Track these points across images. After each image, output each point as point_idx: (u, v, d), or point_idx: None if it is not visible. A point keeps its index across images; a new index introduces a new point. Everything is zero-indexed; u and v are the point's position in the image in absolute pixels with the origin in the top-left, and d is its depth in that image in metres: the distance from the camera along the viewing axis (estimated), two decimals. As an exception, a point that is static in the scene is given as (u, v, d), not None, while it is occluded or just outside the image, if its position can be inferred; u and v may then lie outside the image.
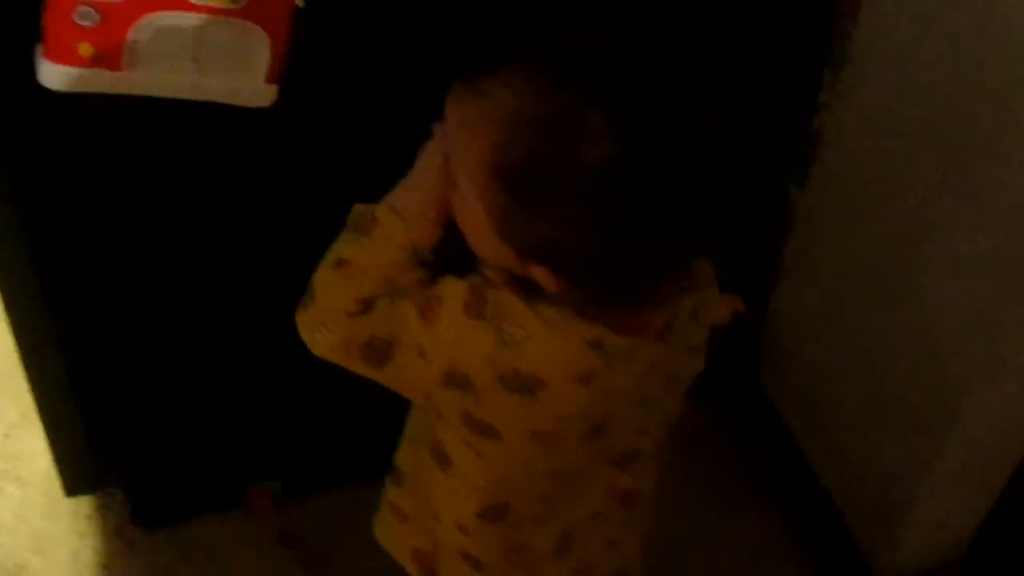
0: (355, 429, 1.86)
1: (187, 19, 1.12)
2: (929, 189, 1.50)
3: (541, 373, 1.01)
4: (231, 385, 1.72)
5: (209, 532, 1.88)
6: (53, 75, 1.12)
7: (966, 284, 1.47)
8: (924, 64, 1.46)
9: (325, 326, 1.07)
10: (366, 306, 1.05)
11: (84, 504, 1.89)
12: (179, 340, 1.62)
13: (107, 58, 1.12)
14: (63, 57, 1.11)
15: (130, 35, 1.11)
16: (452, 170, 1.02)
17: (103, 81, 1.14)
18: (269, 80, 1.19)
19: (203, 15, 1.12)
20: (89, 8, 1.08)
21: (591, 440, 1.11)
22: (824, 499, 1.88)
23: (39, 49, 1.12)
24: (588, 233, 0.94)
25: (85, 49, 1.10)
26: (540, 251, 0.97)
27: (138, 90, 1.17)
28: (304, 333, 1.09)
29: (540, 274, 0.98)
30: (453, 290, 1.03)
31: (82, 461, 1.84)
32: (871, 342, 1.70)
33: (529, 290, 1.01)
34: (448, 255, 1.06)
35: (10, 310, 1.57)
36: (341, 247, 1.09)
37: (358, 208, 1.09)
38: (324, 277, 1.08)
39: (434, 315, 1.02)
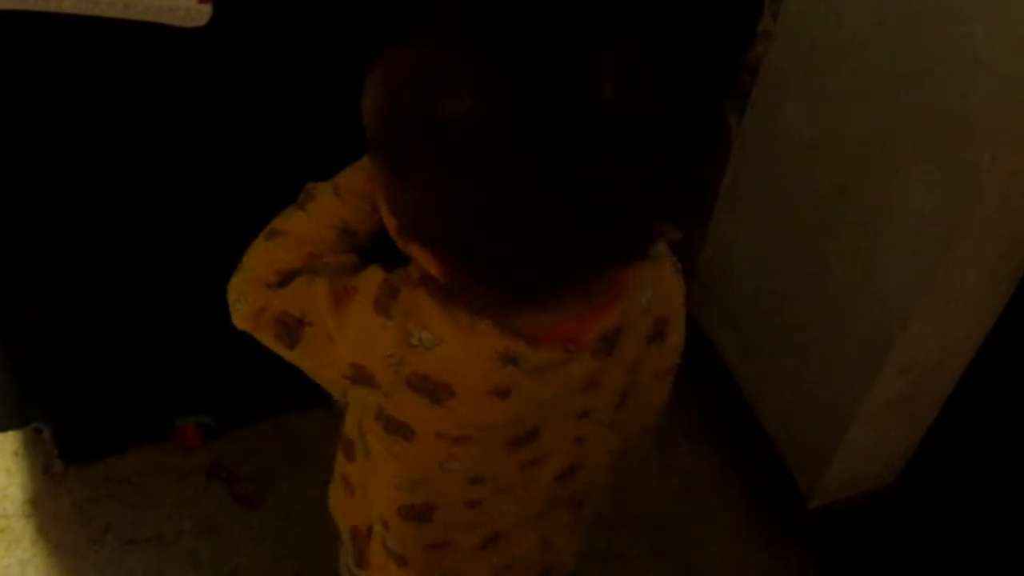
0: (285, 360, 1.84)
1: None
2: (868, 117, 1.50)
3: (450, 382, 0.95)
4: (158, 316, 1.68)
5: (139, 466, 1.86)
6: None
7: (903, 211, 1.48)
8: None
9: (244, 295, 1.05)
10: (284, 279, 1.02)
11: (10, 440, 1.85)
12: (103, 270, 1.58)
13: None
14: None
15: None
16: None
17: (29, -1, 1.10)
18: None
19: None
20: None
21: (517, 448, 1.04)
22: (757, 427, 1.90)
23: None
24: (448, 201, 0.83)
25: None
26: (413, 224, 0.88)
27: (67, 8, 1.13)
28: (230, 301, 1.07)
29: (421, 256, 0.90)
30: (370, 281, 0.97)
31: (7, 397, 1.80)
32: (807, 269, 1.71)
33: (448, 294, 0.94)
34: (387, 248, 0.99)
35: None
36: (277, 219, 1.06)
37: (308, 185, 1.06)
38: (255, 246, 1.06)
39: (346, 303, 0.97)
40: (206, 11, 1.19)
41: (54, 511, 1.79)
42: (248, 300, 1.04)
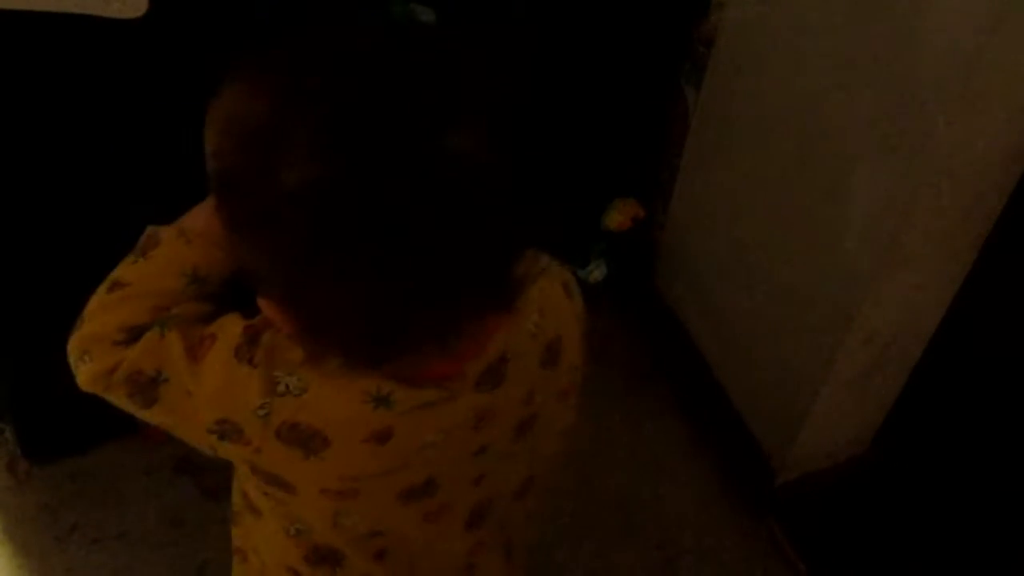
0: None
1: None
2: (826, 89, 1.48)
3: (323, 429, 0.88)
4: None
5: (104, 462, 1.84)
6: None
7: (865, 179, 1.47)
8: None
9: (89, 354, 0.95)
10: (133, 335, 0.93)
11: (-30, 442, 1.84)
12: (61, 266, 1.56)
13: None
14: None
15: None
16: None
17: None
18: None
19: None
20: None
21: (415, 500, 0.96)
22: (725, 401, 1.89)
23: None
24: (283, 264, 0.77)
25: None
26: (252, 278, 0.81)
27: (2, 4, 1.12)
28: (71, 360, 0.97)
29: (266, 307, 0.83)
30: (229, 330, 0.90)
31: (-35, 398, 1.78)
32: (770, 241, 1.70)
33: None
34: (243, 294, 0.88)
35: None
36: (119, 268, 0.97)
37: (148, 229, 0.97)
38: (96, 299, 0.97)
39: (202, 355, 0.90)
40: (142, 2, 1.17)
41: (19, 511, 1.78)
42: (94, 360, 0.94)
